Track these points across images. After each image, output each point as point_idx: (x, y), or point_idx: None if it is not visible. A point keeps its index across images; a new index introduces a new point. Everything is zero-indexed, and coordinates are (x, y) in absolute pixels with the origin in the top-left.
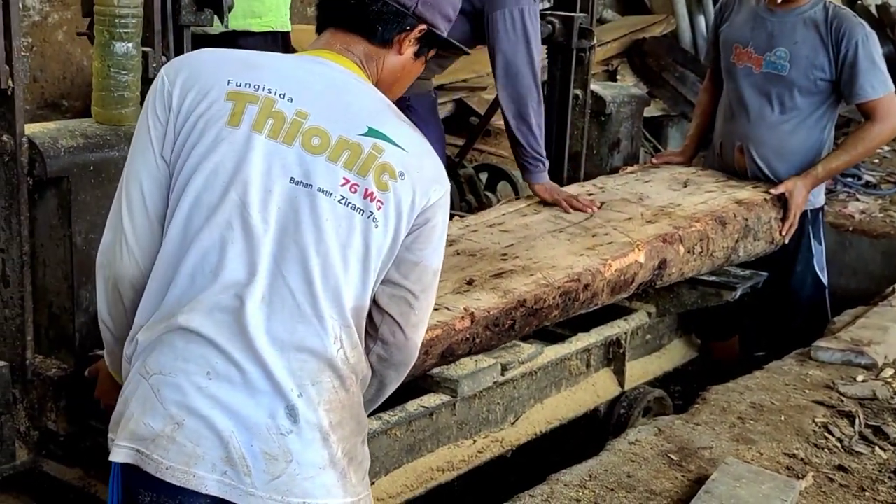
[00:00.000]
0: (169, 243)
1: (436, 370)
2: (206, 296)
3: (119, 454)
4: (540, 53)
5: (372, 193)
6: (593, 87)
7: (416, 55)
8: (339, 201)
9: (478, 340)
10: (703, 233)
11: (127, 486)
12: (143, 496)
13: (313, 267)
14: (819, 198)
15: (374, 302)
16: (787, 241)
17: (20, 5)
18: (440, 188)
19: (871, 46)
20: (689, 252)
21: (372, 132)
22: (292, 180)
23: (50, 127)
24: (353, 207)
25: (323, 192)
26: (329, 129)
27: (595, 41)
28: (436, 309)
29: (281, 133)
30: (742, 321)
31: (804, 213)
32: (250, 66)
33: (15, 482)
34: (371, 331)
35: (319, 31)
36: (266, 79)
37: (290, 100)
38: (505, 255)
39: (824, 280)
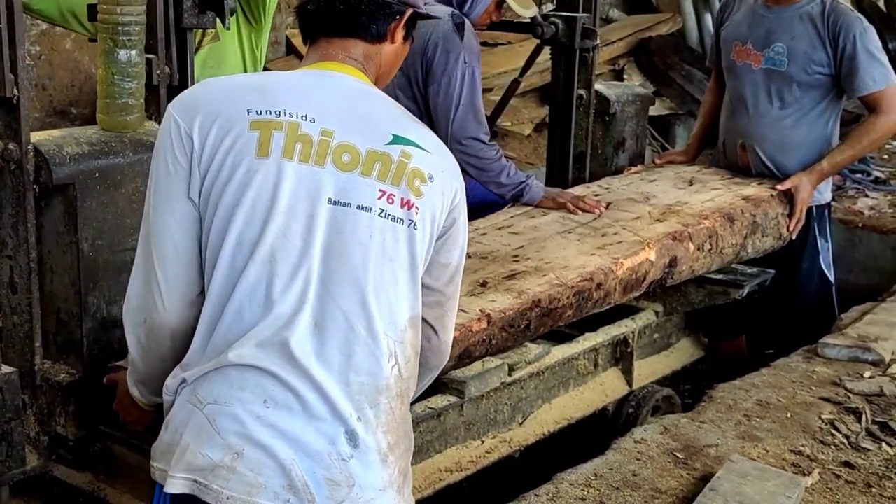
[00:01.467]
0: (215, 285)
1: None
2: (257, 330)
3: (175, 485)
4: (480, 113)
5: (409, 201)
6: (597, 86)
7: (405, 38)
8: (379, 215)
9: (494, 342)
10: (712, 230)
11: None
12: None
13: (365, 286)
14: (825, 195)
15: None
16: (793, 237)
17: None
18: (461, 185)
19: (868, 39)
20: (698, 249)
21: (398, 139)
22: (330, 201)
23: (55, 134)
24: (394, 219)
25: (363, 208)
26: (357, 143)
27: (598, 41)
28: None
29: (311, 156)
30: (749, 320)
31: (809, 210)
32: (264, 90)
33: (26, 487)
34: None
35: (308, 39)
36: (284, 102)
37: (313, 120)
38: (516, 256)
39: (831, 277)
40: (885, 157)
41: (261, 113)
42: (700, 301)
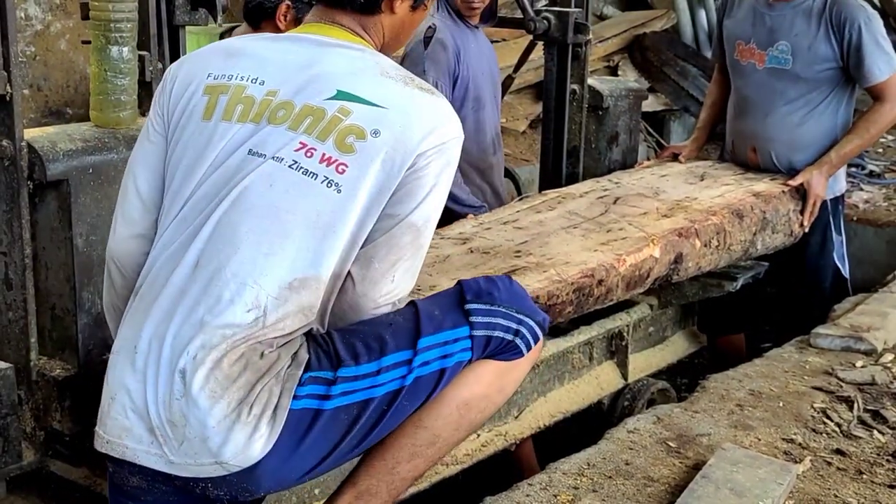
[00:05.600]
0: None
1: None
2: (155, 269)
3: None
4: None
5: (331, 158)
6: (590, 81)
7: (414, 7)
8: (289, 166)
9: None
10: (720, 226)
11: None
12: (109, 467)
13: (246, 232)
14: (837, 185)
15: None
16: (806, 231)
17: (23, 15)
18: (433, 139)
19: (874, 28)
20: (705, 246)
21: (341, 95)
22: (250, 152)
23: (49, 131)
24: (307, 173)
25: (275, 159)
26: (295, 100)
27: (591, 35)
28: None
29: (249, 115)
30: (751, 316)
31: (824, 204)
32: (229, 55)
33: (22, 482)
34: None
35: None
36: (241, 67)
37: (262, 83)
38: (518, 251)
39: (845, 272)
40: (880, 150)
41: (217, 78)
42: (694, 294)
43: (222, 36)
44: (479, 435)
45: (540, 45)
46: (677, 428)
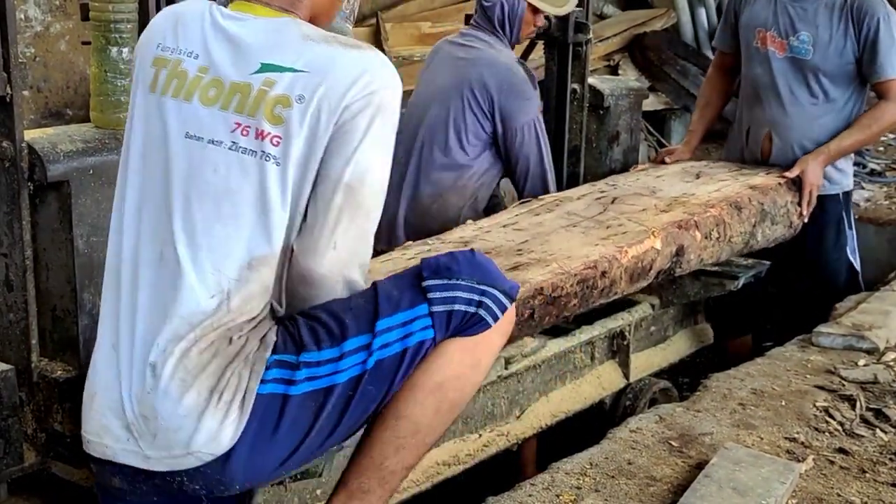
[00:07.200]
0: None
1: None
2: (118, 261)
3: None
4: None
5: (263, 132)
6: (591, 80)
7: None
8: (229, 148)
9: None
10: (719, 218)
11: None
12: (93, 468)
13: (198, 220)
14: (846, 181)
15: None
16: (805, 221)
17: (23, 16)
18: (357, 89)
19: (892, 25)
20: (706, 238)
21: (265, 67)
22: (187, 135)
23: (49, 132)
24: (244, 151)
25: (213, 142)
26: (224, 78)
27: (591, 35)
28: None
29: (182, 91)
30: (758, 316)
31: (836, 197)
32: (179, 25)
33: (23, 484)
34: None
35: None
36: (183, 39)
37: (196, 56)
38: (520, 250)
39: (857, 264)
40: (881, 149)
41: (164, 49)
42: (696, 293)
43: None
44: (480, 435)
45: (540, 44)
46: (679, 427)
